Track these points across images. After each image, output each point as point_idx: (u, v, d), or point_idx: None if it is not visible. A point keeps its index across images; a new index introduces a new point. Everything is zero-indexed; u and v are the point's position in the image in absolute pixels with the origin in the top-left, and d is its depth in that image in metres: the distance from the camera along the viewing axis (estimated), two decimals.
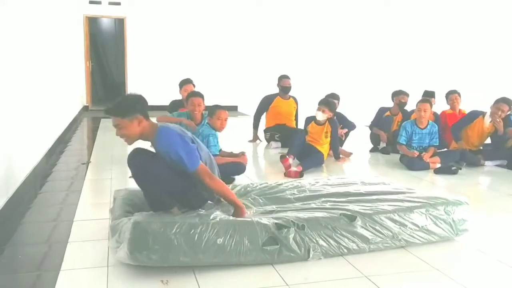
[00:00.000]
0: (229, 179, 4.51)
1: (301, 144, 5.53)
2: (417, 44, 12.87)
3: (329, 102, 5.69)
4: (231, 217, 2.80)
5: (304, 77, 10.84)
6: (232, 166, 4.69)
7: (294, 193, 3.52)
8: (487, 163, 5.95)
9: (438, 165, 5.58)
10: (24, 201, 3.91)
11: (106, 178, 4.76)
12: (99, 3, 11.32)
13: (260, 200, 3.40)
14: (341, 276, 2.66)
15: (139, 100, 2.90)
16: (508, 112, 5.84)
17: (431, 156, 5.66)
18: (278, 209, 3.22)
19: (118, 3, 11.40)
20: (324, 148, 5.67)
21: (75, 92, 9.91)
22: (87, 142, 7.51)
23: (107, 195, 4.07)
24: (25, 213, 3.67)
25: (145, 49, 11.59)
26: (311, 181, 3.90)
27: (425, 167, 5.56)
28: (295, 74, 7.91)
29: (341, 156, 5.99)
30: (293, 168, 5.07)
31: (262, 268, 2.68)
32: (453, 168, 5.48)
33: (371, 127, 7.03)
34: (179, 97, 6.12)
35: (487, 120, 5.93)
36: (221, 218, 2.72)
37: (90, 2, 11.22)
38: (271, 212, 3.15)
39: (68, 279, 2.54)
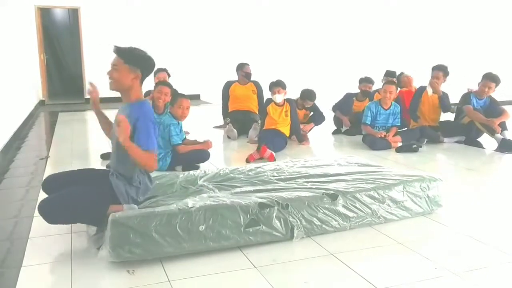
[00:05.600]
0: (193, 167, 4.48)
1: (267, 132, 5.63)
2: (379, 27, 13.04)
3: (279, 82, 5.82)
4: (209, 203, 2.76)
5: (262, 64, 10.78)
6: (196, 154, 4.67)
7: (274, 175, 3.55)
8: (446, 139, 6.13)
9: (400, 144, 5.71)
10: None
11: None
12: None
13: (243, 178, 3.43)
14: (308, 255, 2.68)
15: (148, 60, 2.88)
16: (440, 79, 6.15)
17: (393, 136, 5.79)
18: (261, 188, 3.23)
19: None
20: (286, 128, 5.78)
21: (29, 86, 9.56)
22: (45, 137, 7.28)
23: None
24: None
25: (102, 39, 11.19)
26: (289, 163, 3.95)
27: (387, 146, 5.68)
28: (254, 61, 7.86)
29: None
30: (255, 152, 5.06)
31: (229, 253, 2.67)
32: (414, 146, 5.61)
33: (334, 109, 7.11)
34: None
35: (429, 90, 6.18)
36: (201, 204, 2.69)
37: None
38: (254, 191, 3.14)
39: (30, 274, 2.47)
